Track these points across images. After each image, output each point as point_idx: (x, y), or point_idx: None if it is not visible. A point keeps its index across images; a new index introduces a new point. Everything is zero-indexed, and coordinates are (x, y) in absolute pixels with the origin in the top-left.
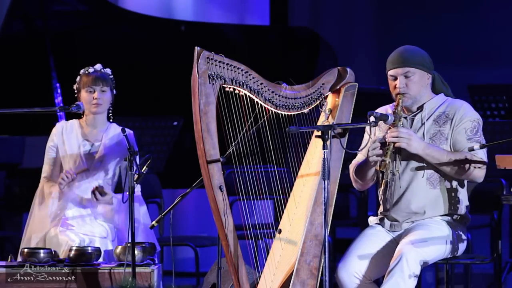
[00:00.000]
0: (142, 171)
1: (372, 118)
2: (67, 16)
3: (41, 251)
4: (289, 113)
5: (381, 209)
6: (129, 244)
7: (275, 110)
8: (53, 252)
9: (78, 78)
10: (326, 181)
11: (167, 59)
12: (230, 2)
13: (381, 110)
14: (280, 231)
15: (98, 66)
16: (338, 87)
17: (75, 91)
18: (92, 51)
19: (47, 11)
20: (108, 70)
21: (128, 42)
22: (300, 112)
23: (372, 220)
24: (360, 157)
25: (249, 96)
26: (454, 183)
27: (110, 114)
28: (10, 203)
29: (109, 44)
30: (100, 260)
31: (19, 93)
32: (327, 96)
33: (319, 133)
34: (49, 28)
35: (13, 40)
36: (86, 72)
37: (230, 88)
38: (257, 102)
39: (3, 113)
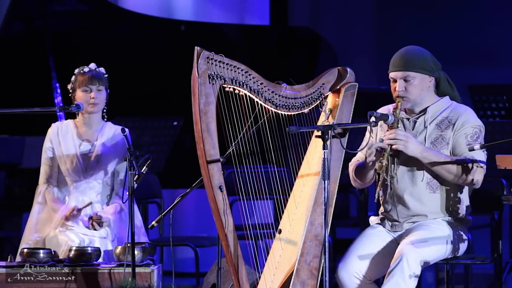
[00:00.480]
0: (142, 171)
1: (372, 118)
2: (67, 16)
3: (41, 251)
4: (289, 113)
5: (381, 209)
6: (128, 244)
7: (275, 110)
8: (53, 252)
9: (73, 78)
10: (326, 181)
11: (167, 59)
12: (230, 2)
13: (383, 110)
14: (280, 231)
15: (93, 65)
16: (338, 87)
17: (70, 91)
18: (92, 51)
19: (46, 11)
20: (102, 69)
21: (128, 42)
22: (300, 112)
23: (373, 219)
24: (360, 155)
25: (249, 96)
26: (454, 187)
27: (104, 113)
28: (10, 203)
29: (109, 44)
30: (100, 260)
31: (19, 93)
32: (327, 96)
33: (319, 133)
34: (49, 28)
35: (13, 40)
36: (81, 71)
37: (230, 88)
38: (257, 102)
39: (3, 113)
